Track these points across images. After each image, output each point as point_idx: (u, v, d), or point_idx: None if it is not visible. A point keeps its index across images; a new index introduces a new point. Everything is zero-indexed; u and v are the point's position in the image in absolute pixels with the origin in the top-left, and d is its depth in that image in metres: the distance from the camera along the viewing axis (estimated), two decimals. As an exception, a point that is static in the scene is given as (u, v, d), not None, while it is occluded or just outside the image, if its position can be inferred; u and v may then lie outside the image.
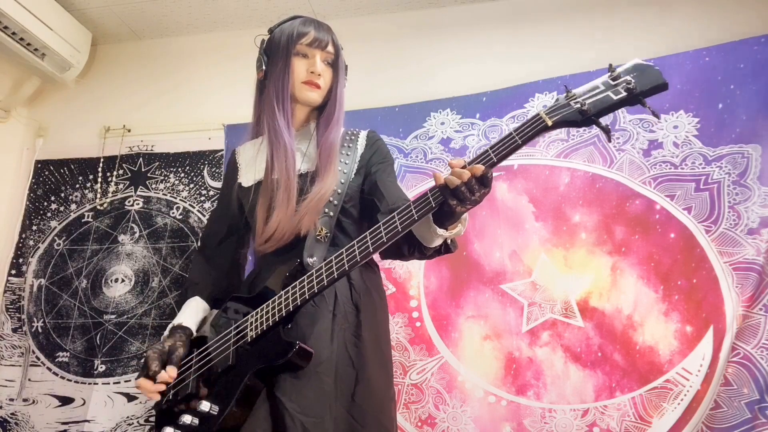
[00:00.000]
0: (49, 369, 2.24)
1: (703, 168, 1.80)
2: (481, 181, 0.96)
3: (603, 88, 0.95)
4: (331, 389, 1.08)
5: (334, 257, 1.08)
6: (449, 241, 1.12)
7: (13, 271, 2.42)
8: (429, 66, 2.32)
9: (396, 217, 1.03)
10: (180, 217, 2.35)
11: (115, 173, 2.47)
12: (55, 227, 2.46)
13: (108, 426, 2.11)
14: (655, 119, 1.89)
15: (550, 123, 0.94)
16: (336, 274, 1.06)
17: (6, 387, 2.25)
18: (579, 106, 0.94)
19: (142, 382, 1.12)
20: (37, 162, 2.58)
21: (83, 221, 2.44)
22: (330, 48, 1.32)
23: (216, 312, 1.27)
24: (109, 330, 2.24)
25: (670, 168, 1.84)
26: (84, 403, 2.15)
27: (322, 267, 1.09)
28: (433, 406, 1.83)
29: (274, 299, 1.12)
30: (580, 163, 1.93)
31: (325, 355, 1.10)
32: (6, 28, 2.18)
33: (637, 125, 1.91)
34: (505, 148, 0.96)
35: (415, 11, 2.43)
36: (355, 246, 1.06)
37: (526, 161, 2.00)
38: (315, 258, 1.19)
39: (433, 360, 1.88)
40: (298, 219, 1.20)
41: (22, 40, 2.26)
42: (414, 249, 1.14)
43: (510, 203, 1.96)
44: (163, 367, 1.13)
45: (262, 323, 1.11)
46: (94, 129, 2.57)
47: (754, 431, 1.53)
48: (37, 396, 2.21)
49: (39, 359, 2.26)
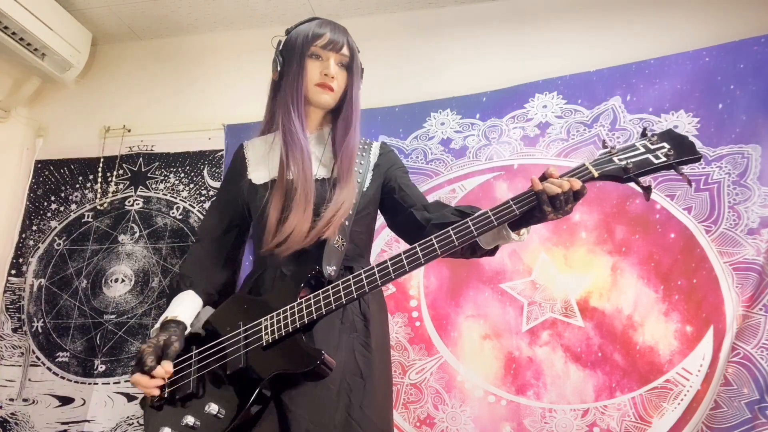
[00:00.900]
0: (49, 369, 2.24)
1: (703, 168, 1.80)
2: (576, 195, 1.01)
3: (642, 150, 1.04)
4: (336, 397, 1.08)
5: (389, 260, 1.06)
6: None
7: (13, 271, 2.43)
8: (429, 66, 2.32)
9: (470, 223, 1.04)
10: (180, 217, 2.35)
11: (115, 173, 2.48)
12: (55, 227, 2.46)
13: (108, 426, 2.11)
14: (656, 119, 1.89)
15: (596, 174, 1.03)
16: (393, 275, 1.05)
17: (6, 387, 2.25)
18: (624, 164, 1.03)
19: (138, 377, 1.08)
20: (37, 162, 2.58)
21: (83, 221, 2.44)
22: (345, 51, 1.30)
23: (209, 308, 1.23)
24: (109, 330, 2.24)
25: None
26: (84, 403, 2.15)
27: (361, 273, 1.07)
28: (432, 405, 1.83)
29: (293, 305, 1.08)
30: (580, 163, 1.93)
31: None
32: (6, 28, 2.18)
33: (637, 125, 1.91)
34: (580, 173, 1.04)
35: (415, 11, 2.43)
36: (418, 249, 1.05)
37: (526, 161, 2.00)
38: (334, 266, 1.17)
39: (433, 360, 1.88)
40: (323, 225, 1.17)
41: (22, 40, 2.26)
42: (467, 251, 1.17)
43: (510, 203, 1.95)
44: (159, 362, 1.09)
45: (280, 328, 1.07)
46: (94, 129, 2.57)
47: (754, 431, 1.53)
48: (37, 396, 2.21)
49: (39, 359, 2.26)
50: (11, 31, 2.20)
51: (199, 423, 1.03)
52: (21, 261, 2.43)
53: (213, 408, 1.02)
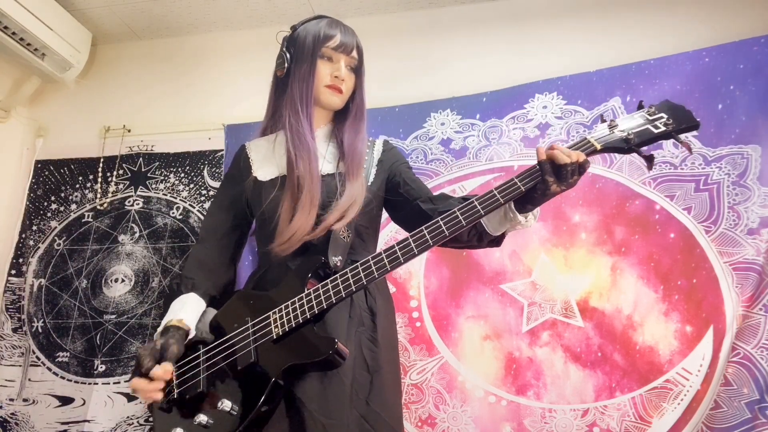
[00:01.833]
0: (49, 369, 2.24)
1: (703, 168, 1.80)
2: (580, 168, 1.03)
3: (642, 121, 1.07)
4: (348, 392, 1.07)
5: (396, 244, 1.05)
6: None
7: (13, 271, 2.42)
8: (429, 66, 2.32)
9: (476, 202, 1.04)
10: (180, 217, 2.35)
11: (115, 173, 2.47)
12: (55, 227, 2.46)
13: (108, 426, 2.11)
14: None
15: (599, 147, 1.05)
16: (402, 259, 1.04)
17: (6, 387, 2.25)
18: (624, 135, 1.04)
19: (137, 382, 1.05)
20: (37, 162, 2.58)
21: (83, 221, 2.44)
22: (354, 53, 1.31)
23: (211, 310, 1.22)
24: (109, 330, 2.24)
25: (669, 168, 1.84)
26: (84, 403, 2.15)
27: (369, 260, 1.06)
28: (434, 406, 1.83)
29: (301, 296, 1.08)
30: (580, 164, 1.93)
31: None
32: (6, 28, 2.18)
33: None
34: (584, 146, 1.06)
35: (415, 11, 2.43)
36: (425, 231, 1.05)
37: (525, 161, 2.00)
38: (339, 257, 1.17)
39: (433, 360, 1.88)
40: (335, 218, 1.17)
41: (22, 40, 2.26)
42: (474, 237, 1.16)
43: (510, 203, 1.96)
44: (157, 364, 1.06)
45: (290, 320, 1.06)
46: (94, 129, 2.57)
47: (754, 431, 1.53)
48: (37, 396, 2.21)
49: (39, 359, 2.26)
50: (11, 31, 2.20)
51: (212, 421, 1.01)
52: (21, 261, 2.43)
53: (226, 405, 1.00)
